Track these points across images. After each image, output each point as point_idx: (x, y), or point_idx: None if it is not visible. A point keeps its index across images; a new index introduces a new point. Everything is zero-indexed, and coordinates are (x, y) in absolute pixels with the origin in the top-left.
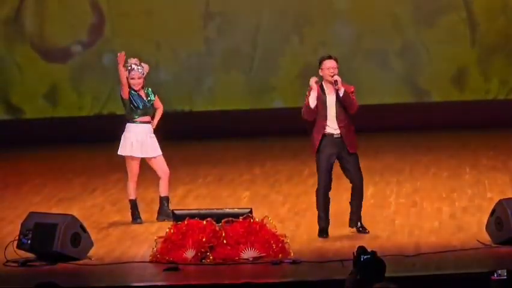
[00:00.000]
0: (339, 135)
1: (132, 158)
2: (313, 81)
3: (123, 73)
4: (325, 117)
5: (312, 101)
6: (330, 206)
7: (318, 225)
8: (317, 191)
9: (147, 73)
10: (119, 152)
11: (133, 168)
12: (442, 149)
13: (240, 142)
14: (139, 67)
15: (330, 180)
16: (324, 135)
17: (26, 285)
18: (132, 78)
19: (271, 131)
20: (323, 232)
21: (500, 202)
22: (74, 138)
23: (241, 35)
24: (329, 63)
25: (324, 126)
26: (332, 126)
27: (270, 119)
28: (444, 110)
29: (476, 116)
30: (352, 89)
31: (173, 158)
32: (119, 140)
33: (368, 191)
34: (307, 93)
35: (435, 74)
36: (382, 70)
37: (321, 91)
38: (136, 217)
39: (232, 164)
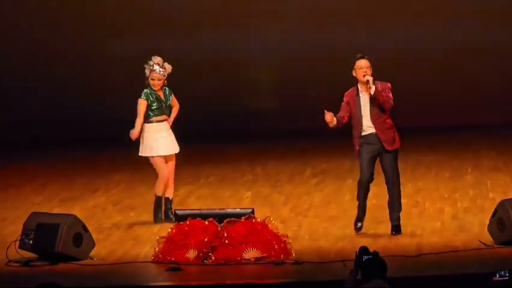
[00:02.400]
0: (375, 133)
1: (158, 157)
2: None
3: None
4: (360, 117)
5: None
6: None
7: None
8: (358, 182)
9: (169, 74)
10: (141, 153)
11: (162, 167)
12: (444, 150)
13: (242, 142)
14: (161, 69)
15: (371, 173)
16: (361, 134)
17: (28, 286)
18: (152, 79)
19: (274, 131)
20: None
21: (502, 203)
22: (76, 138)
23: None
24: (362, 63)
25: (360, 126)
26: (367, 125)
27: (271, 119)
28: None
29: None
30: (388, 86)
31: (175, 157)
32: (121, 140)
33: (370, 192)
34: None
35: None
36: None
37: (356, 92)
38: (160, 216)
39: (234, 164)
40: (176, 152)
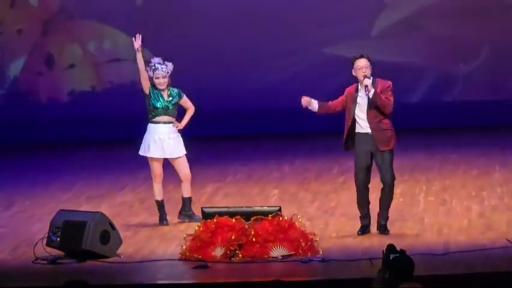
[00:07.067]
0: (370, 133)
1: (152, 159)
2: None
3: (141, 61)
4: (354, 114)
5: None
6: (369, 204)
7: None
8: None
9: (171, 72)
10: (139, 152)
11: (155, 169)
12: (471, 147)
13: (269, 140)
14: (163, 66)
15: (366, 177)
16: (355, 133)
17: (55, 283)
18: (157, 78)
19: (301, 128)
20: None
21: None
22: (103, 136)
23: None
24: (361, 63)
25: (354, 125)
26: (363, 125)
27: (299, 117)
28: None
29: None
30: (388, 85)
31: (203, 155)
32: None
33: (397, 189)
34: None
35: None
36: None
37: (355, 89)
38: (162, 219)
39: (261, 162)
40: (174, 157)
